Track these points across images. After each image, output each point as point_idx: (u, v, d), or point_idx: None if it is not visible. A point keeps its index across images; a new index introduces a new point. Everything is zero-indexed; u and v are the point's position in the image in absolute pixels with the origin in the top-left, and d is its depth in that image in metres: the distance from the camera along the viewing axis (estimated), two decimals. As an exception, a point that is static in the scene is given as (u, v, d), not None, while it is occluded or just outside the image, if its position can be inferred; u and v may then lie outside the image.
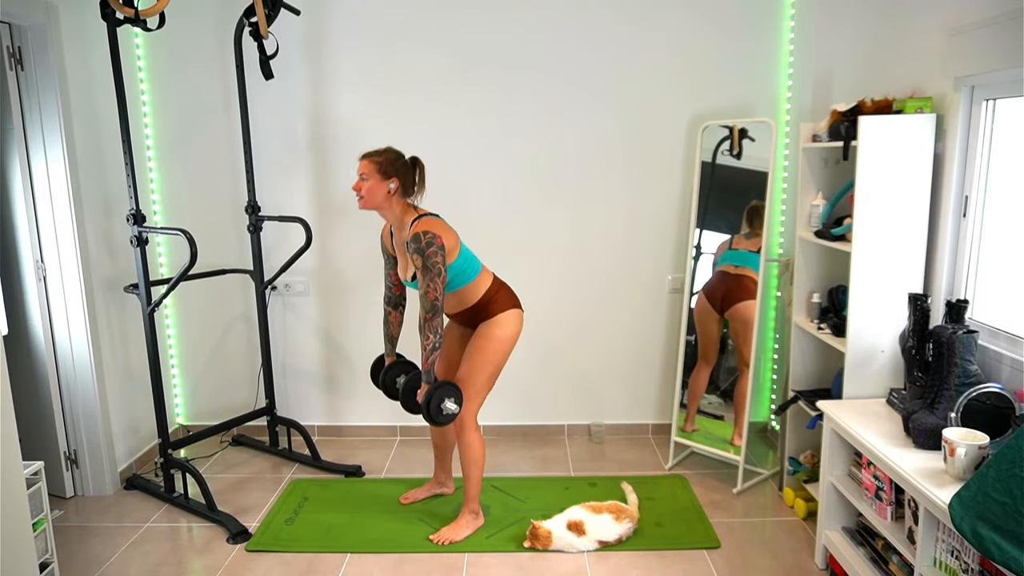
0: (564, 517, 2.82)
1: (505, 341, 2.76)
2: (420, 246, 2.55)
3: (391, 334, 2.97)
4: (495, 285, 2.79)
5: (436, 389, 2.62)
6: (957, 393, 2.12)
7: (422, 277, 2.57)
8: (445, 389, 2.64)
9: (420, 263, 2.56)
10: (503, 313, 2.76)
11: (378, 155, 2.68)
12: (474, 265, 2.74)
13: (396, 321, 2.96)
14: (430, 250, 2.54)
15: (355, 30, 3.49)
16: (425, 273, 2.56)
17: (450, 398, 2.65)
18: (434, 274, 2.55)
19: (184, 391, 3.91)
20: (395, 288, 2.91)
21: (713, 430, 3.45)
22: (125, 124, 2.88)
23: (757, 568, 2.66)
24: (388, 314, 2.95)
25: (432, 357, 2.60)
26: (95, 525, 3.02)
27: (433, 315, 2.57)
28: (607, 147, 3.60)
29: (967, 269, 2.44)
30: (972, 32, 2.26)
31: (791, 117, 3.46)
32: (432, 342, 2.59)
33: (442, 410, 2.64)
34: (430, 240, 2.55)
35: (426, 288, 2.56)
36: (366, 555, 2.77)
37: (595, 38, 3.49)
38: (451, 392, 2.65)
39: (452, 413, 2.66)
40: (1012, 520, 1.59)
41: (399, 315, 2.96)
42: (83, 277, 3.09)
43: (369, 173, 2.64)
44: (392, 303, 2.94)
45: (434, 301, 2.56)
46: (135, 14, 2.75)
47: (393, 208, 2.68)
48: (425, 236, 2.55)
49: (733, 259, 3.33)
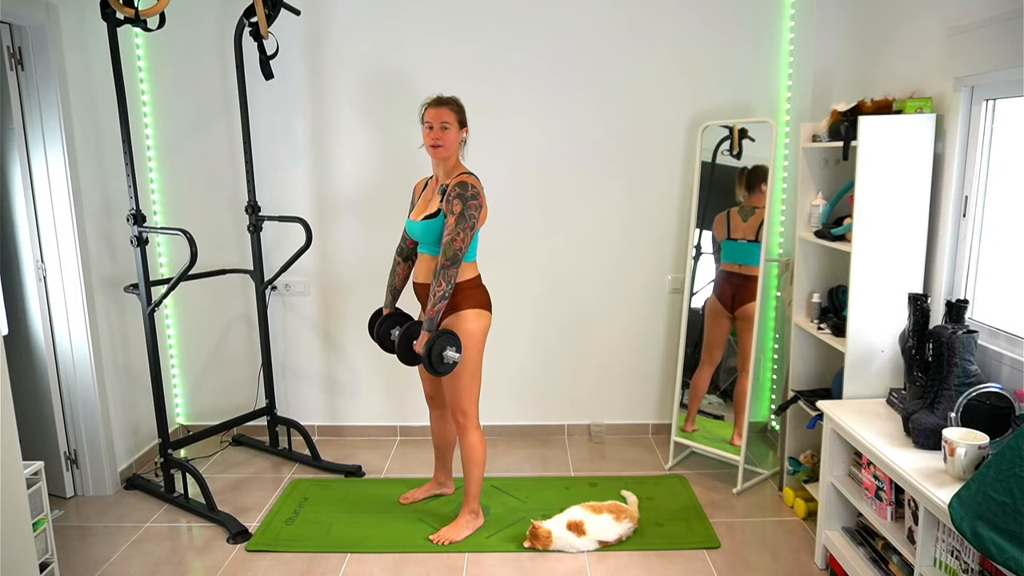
0: (564, 517, 2.82)
1: (476, 334, 2.70)
2: (465, 194, 2.54)
3: (395, 285, 2.93)
4: (477, 280, 2.75)
5: (437, 337, 2.57)
6: (957, 393, 2.12)
7: (454, 224, 2.54)
8: (446, 337, 2.59)
9: (459, 209, 2.53)
10: (473, 309, 2.70)
11: (454, 102, 2.66)
12: (473, 251, 2.72)
13: (403, 274, 2.92)
14: (472, 202, 2.54)
15: (355, 30, 3.49)
16: (459, 221, 2.53)
17: (451, 346, 2.60)
18: (467, 226, 2.54)
19: (184, 391, 3.91)
20: (410, 241, 2.86)
21: (713, 430, 3.45)
22: (125, 124, 2.88)
23: (757, 568, 2.66)
24: (396, 264, 2.91)
25: (439, 306, 2.56)
26: (95, 525, 3.02)
27: (451, 264, 2.54)
28: (607, 147, 3.60)
29: (967, 269, 2.44)
30: (972, 32, 2.26)
31: (791, 117, 3.46)
32: (443, 290, 2.55)
33: (443, 358, 2.59)
34: (475, 193, 2.55)
35: (453, 236, 2.53)
36: (366, 555, 2.77)
37: (595, 38, 3.49)
38: (452, 340, 2.61)
39: (453, 362, 2.61)
40: (1012, 520, 1.59)
41: (407, 268, 2.91)
42: (83, 277, 3.09)
43: (451, 122, 2.62)
44: (404, 255, 2.90)
45: (457, 251, 2.54)
46: (135, 14, 2.75)
47: (455, 159, 2.67)
48: (472, 188, 2.55)
49: (735, 255, 3.31)
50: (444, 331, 2.60)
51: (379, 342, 2.92)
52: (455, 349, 2.61)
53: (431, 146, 2.63)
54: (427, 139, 2.64)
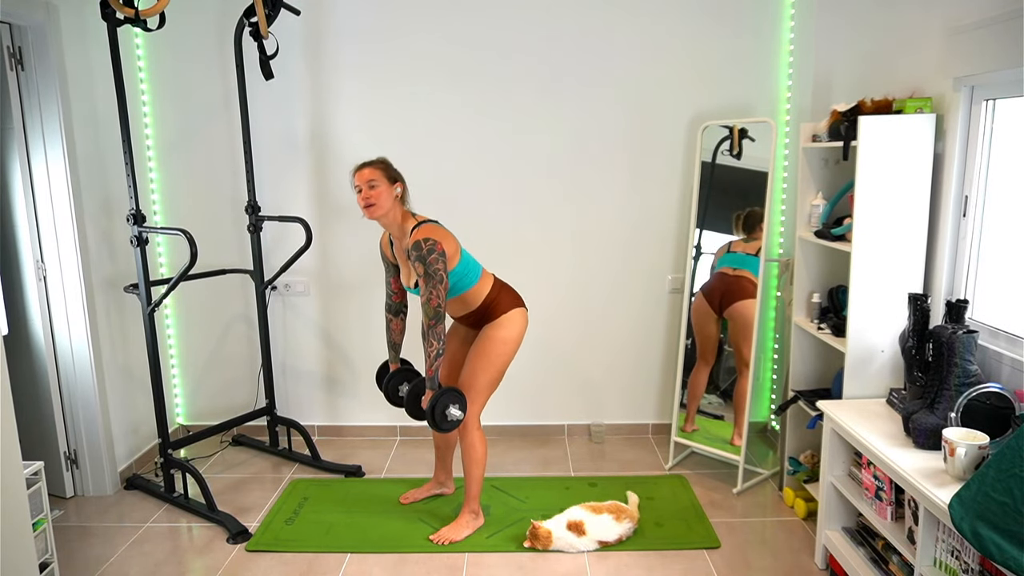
0: (564, 517, 2.82)
1: (509, 342, 2.77)
2: (422, 253, 2.54)
3: (394, 341, 2.98)
4: (496, 287, 2.79)
5: (440, 396, 2.62)
6: (957, 393, 2.12)
7: (424, 284, 2.57)
8: (449, 395, 2.64)
9: (422, 270, 2.56)
10: (506, 314, 2.77)
11: (380, 161, 2.69)
12: (475, 269, 2.74)
13: (398, 328, 2.97)
14: (431, 257, 2.54)
15: (355, 30, 3.49)
16: (427, 280, 2.56)
17: (454, 404, 2.65)
18: (436, 281, 2.55)
19: (184, 391, 3.91)
20: (396, 296, 2.92)
21: (713, 430, 3.45)
22: (125, 124, 2.88)
23: (757, 568, 2.66)
24: (390, 322, 2.96)
25: (436, 363, 2.61)
26: (95, 525, 3.02)
27: (436, 322, 2.57)
28: (607, 147, 3.59)
29: (967, 269, 2.44)
30: (972, 32, 2.26)
31: (791, 117, 3.46)
32: (436, 349, 2.60)
33: (447, 416, 2.65)
34: (431, 247, 2.55)
35: (428, 295, 2.56)
36: (366, 555, 2.77)
37: (595, 39, 3.49)
38: (455, 398, 2.66)
39: (456, 419, 2.66)
40: (1012, 520, 1.59)
41: (401, 322, 2.97)
42: (83, 277, 3.09)
43: (377, 179, 2.63)
44: (393, 311, 2.95)
45: (437, 308, 2.57)
46: (135, 14, 2.75)
47: (396, 215, 2.68)
48: (426, 243, 2.55)
49: (732, 261, 3.33)
50: (447, 389, 2.65)
51: (387, 397, 2.99)
52: (458, 407, 2.66)
53: (364, 207, 2.64)
54: (359, 202, 2.65)
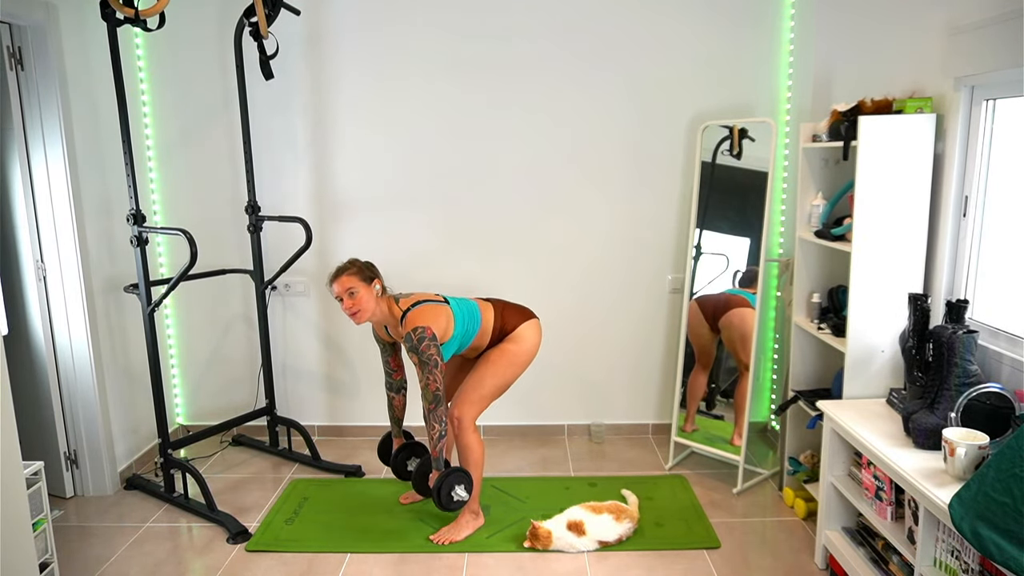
0: (564, 517, 2.82)
1: (519, 355, 2.82)
2: (413, 344, 2.61)
3: (397, 417, 3.05)
4: (498, 312, 2.85)
5: (446, 476, 2.69)
6: (957, 393, 2.12)
7: (421, 372, 2.63)
8: (455, 476, 2.71)
9: (416, 359, 2.63)
10: (517, 329, 2.83)
11: (350, 265, 2.73)
12: (474, 317, 2.79)
13: (400, 404, 3.03)
14: (423, 345, 2.60)
15: (355, 29, 3.49)
16: (423, 367, 2.62)
17: (460, 484, 2.72)
18: (431, 366, 2.61)
19: (184, 391, 3.91)
20: (395, 374, 2.99)
21: (713, 430, 3.45)
22: (125, 124, 2.88)
23: (757, 568, 2.66)
24: (392, 399, 3.02)
25: (440, 445, 2.67)
26: (95, 525, 3.02)
27: (436, 406, 2.64)
28: (607, 147, 3.59)
29: (967, 269, 2.43)
30: (972, 32, 2.26)
31: (791, 117, 3.46)
32: (438, 431, 2.65)
33: (452, 497, 2.71)
34: (420, 335, 2.60)
35: (427, 381, 2.63)
36: (366, 555, 2.77)
37: (594, 39, 3.49)
38: (461, 479, 2.72)
39: (462, 500, 2.73)
40: (1012, 520, 1.59)
41: (402, 399, 3.03)
42: (83, 277, 3.09)
43: (355, 284, 2.67)
44: (394, 388, 3.01)
45: (436, 392, 2.63)
46: (135, 14, 2.75)
47: (383, 310, 2.74)
48: (416, 333, 2.61)
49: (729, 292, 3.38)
50: (454, 469, 2.71)
51: (394, 471, 3.07)
52: (464, 487, 2.72)
53: (350, 315, 2.68)
54: (344, 311, 2.69)
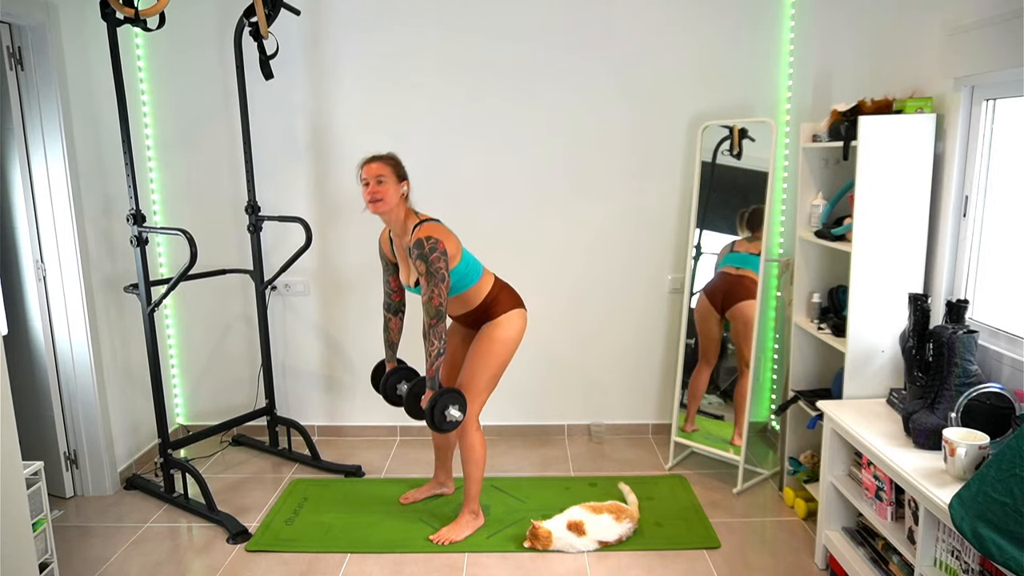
0: (564, 517, 2.82)
1: (507, 342, 2.76)
2: (423, 251, 2.54)
3: (391, 340, 2.96)
4: (497, 286, 2.79)
5: (440, 396, 2.61)
6: (957, 393, 2.12)
7: (426, 283, 2.56)
8: (449, 396, 2.63)
9: (423, 269, 2.55)
10: (506, 314, 2.76)
11: (390, 157, 2.67)
12: (476, 268, 2.74)
13: (396, 327, 2.96)
14: (433, 255, 2.53)
15: (355, 30, 3.49)
16: (429, 279, 2.55)
17: (454, 405, 2.64)
18: (438, 280, 2.54)
19: (184, 391, 3.91)
20: (395, 295, 2.91)
21: (713, 430, 3.45)
22: (125, 124, 2.88)
23: (757, 568, 2.66)
24: (388, 320, 2.94)
25: (436, 363, 2.61)
26: (95, 525, 3.02)
27: (437, 321, 2.56)
28: (606, 147, 3.59)
29: (967, 269, 2.43)
30: (972, 32, 2.26)
31: (791, 117, 3.46)
32: (436, 348, 2.59)
33: (446, 417, 2.64)
34: (433, 246, 2.54)
35: (430, 294, 2.56)
36: (366, 555, 2.77)
37: (594, 39, 3.49)
38: (455, 399, 2.65)
39: (456, 420, 2.66)
40: (1012, 520, 1.59)
41: (399, 321, 2.95)
42: (83, 277, 3.09)
43: (386, 175, 2.62)
44: (392, 310, 2.93)
45: (438, 307, 2.56)
46: (135, 14, 2.75)
47: (400, 212, 2.67)
48: (428, 242, 2.54)
49: (734, 261, 3.33)
50: (447, 390, 2.64)
51: (386, 397, 2.98)
52: (458, 408, 2.65)
53: (369, 202, 2.62)
54: (365, 196, 2.63)
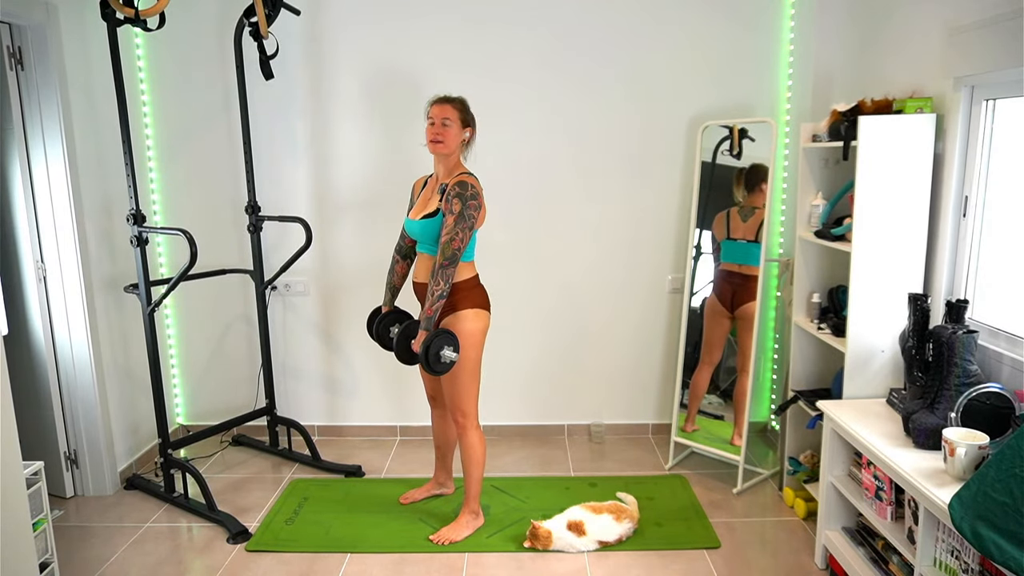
0: (564, 517, 2.82)
1: (475, 334, 2.70)
2: (465, 194, 2.54)
3: (394, 283, 2.93)
4: (474, 281, 2.75)
5: (435, 337, 2.57)
6: (957, 393, 2.12)
7: (452, 224, 2.54)
8: (444, 337, 2.59)
9: (457, 208, 2.54)
10: (469, 309, 2.69)
11: (460, 101, 2.67)
12: (470, 252, 2.72)
13: (402, 272, 2.93)
14: (472, 202, 2.55)
15: (355, 29, 3.49)
16: (457, 221, 2.54)
17: (449, 346, 2.59)
18: (465, 225, 2.55)
19: (184, 391, 3.91)
20: (409, 240, 2.87)
21: (713, 430, 3.45)
22: (125, 124, 2.88)
23: (757, 568, 2.66)
24: (395, 263, 2.92)
25: (437, 305, 2.56)
26: (95, 525, 3.02)
27: (450, 264, 2.54)
28: (606, 147, 3.59)
29: (967, 269, 2.44)
30: (972, 32, 2.26)
31: (791, 117, 3.46)
32: (442, 289, 2.55)
33: (440, 358, 2.59)
34: (475, 193, 2.56)
35: (452, 236, 2.54)
36: (366, 555, 2.77)
37: (594, 40, 3.48)
38: (449, 340, 2.60)
39: (450, 361, 2.61)
40: (1012, 520, 1.59)
41: (406, 267, 2.92)
42: (83, 277, 3.09)
43: (453, 119, 2.62)
44: (402, 253, 2.91)
45: (456, 250, 2.54)
46: (135, 14, 2.75)
47: (455, 158, 2.67)
48: (472, 188, 2.56)
49: (735, 255, 3.31)
50: (442, 330, 2.60)
51: (378, 339, 2.93)
52: (453, 349, 2.60)
53: (431, 141, 2.63)
54: (428, 134, 2.64)
